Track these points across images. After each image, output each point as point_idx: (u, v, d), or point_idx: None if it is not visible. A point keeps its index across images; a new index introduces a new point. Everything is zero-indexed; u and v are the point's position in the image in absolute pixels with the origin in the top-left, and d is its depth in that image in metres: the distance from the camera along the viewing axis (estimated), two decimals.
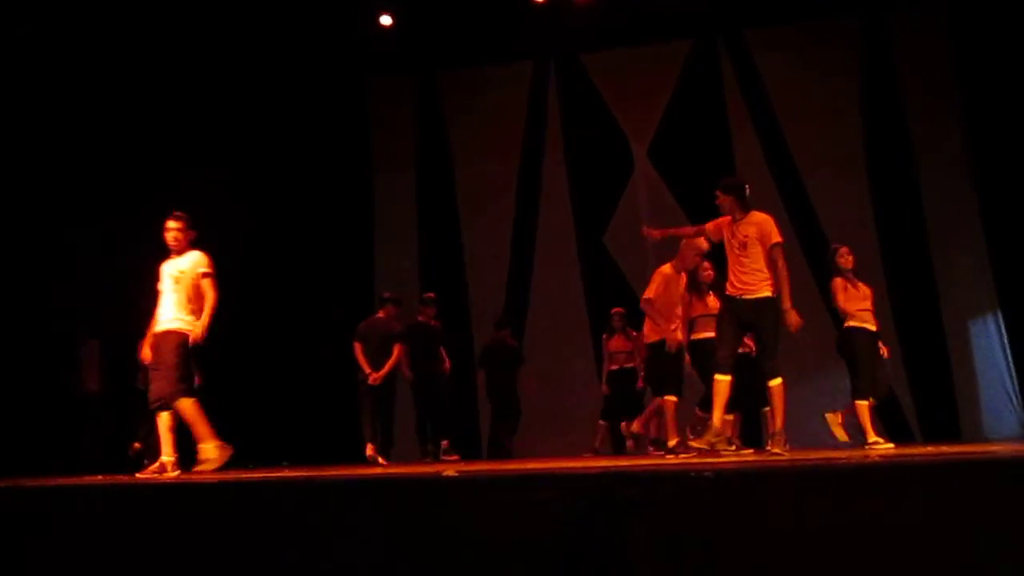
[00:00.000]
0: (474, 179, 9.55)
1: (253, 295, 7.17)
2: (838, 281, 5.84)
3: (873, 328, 5.84)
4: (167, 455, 4.99)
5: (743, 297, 4.89)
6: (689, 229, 5.57)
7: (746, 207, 4.98)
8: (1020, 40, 7.76)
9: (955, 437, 7.90)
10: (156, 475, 4.87)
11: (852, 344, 5.75)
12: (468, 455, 8.28)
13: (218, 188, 8.59)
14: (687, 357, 6.13)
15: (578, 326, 9.01)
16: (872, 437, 5.61)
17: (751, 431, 6.81)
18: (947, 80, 8.56)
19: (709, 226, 5.17)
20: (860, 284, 5.89)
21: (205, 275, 5.19)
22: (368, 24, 8.77)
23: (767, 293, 4.84)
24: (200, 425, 4.96)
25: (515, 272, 9.32)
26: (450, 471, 2.92)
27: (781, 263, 4.81)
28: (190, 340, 5.04)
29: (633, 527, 2.73)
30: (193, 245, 5.26)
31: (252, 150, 8.83)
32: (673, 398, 5.81)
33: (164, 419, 5.02)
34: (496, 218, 9.44)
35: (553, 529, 2.80)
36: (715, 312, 6.14)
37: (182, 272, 5.17)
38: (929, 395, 8.27)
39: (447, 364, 7.71)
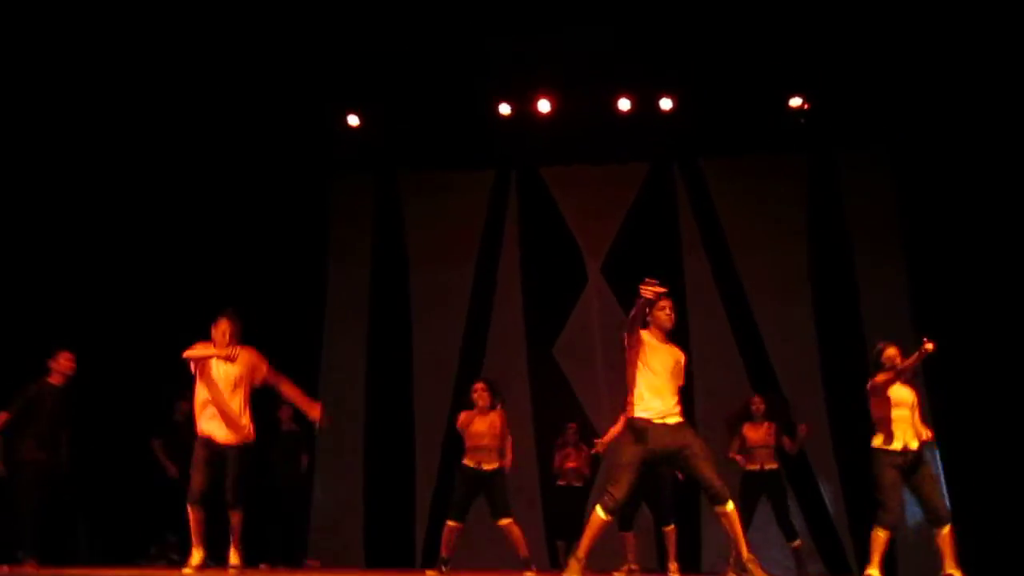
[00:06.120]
0: (429, 280, 9.55)
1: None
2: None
3: None
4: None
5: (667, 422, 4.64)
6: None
7: None
8: (960, 183, 8.17)
9: (892, 573, 7.88)
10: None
11: None
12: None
13: (169, 270, 8.55)
14: None
15: (523, 436, 8.87)
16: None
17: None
18: (891, 218, 8.91)
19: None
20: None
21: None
22: (335, 121, 8.90)
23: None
24: None
25: (462, 377, 9.23)
26: None
27: None
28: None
29: None
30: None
31: (207, 237, 8.83)
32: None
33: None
34: (448, 321, 9.40)
35: None
36: None
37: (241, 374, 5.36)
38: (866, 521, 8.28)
39: None
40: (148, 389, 7.91)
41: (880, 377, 5.40)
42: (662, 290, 4.47)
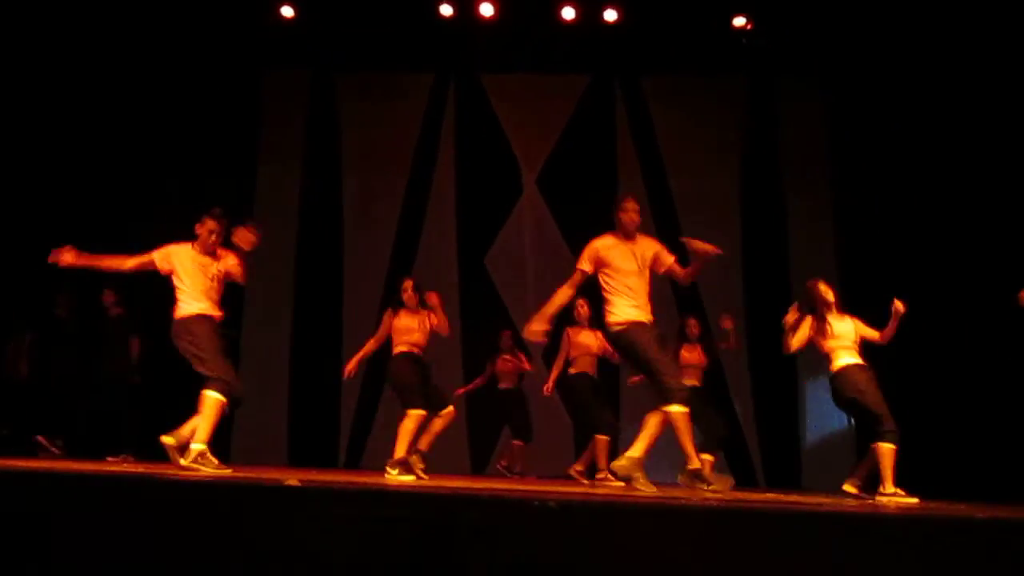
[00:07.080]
0: (361, 184, 9.38)
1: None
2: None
3: None
4: None
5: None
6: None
7: None
8: (891, 123, 8.28)
9: (796, 484, 8.30)
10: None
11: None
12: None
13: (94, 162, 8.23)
14: None
15: (450, 344, 8.95)
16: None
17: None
18: (822, 150, 9.02)
19: (586, 268, 4.99)
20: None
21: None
22: (268, 14, 8.53)
23: None
24: None
25: (392, 284, 9.17)
26: (292, 480, 2.82)
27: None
28: None
29: (475, 552, 2.71)
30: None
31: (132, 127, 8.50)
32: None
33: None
34: (379, 226, 9.29)
35: (395, 547, 2.75)
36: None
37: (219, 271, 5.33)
38: (776, 445, 8.70)
39: None
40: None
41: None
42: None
